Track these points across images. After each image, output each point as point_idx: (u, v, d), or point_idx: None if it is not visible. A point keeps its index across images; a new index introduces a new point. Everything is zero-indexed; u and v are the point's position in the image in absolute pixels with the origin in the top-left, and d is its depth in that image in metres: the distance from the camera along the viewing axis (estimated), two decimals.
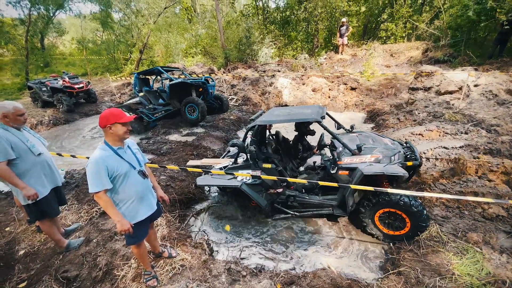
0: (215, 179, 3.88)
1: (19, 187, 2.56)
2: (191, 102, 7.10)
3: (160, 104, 7.91)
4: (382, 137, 4.05)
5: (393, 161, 3.34)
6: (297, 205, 3.75)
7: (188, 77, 8.15)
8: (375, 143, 3.71)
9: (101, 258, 2.98)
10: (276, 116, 3.76)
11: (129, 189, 2.20)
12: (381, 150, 3.46)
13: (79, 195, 4.28)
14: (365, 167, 3.20)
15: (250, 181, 3.68)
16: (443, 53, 11.14)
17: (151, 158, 5.59)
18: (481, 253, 2.78)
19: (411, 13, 13.81)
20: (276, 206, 3.79)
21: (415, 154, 3.50)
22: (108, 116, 2.07)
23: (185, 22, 19.43)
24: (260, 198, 3.69)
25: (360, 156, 3.34)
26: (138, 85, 8.19)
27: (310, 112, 3.71)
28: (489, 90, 7.12)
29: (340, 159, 3.40)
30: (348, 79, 10.20)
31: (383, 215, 3.30)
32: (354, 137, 4.02)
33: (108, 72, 14.98)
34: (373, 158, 3.31)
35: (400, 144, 3.88)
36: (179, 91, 7.44)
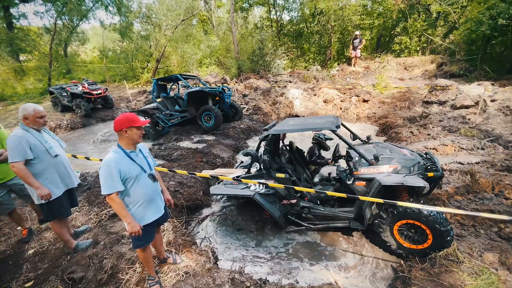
0: (228, 188, 3.82)
1: (34, 186, 2.65)
2: (207, 110, 7.26)
3: (177, 110, 8.08)
4: (400, 147, 3.91)
5: (412, 172, 3.20)
6: (311, 217, 3.64)
7: (205, 86, 8.34)
8: (393, 153, 3.58)
9: (107, 261, 3.01)
10: (290, 126, 3.72)
11: (139, 191, 2.26)
12: (400, 160, 3.32)
13: (90, 197, 4.38)
14: (383, 177, 3.07)
15: (263, 190, 3.60)
16: (459, 67, 10.93)
17: (161, 163, 5.69)
18: (496, 275, 2.63)
19: (426, 27, 13.72)
20: (290, 218, 3.69)
21: (436, 165, 3.36)
22: (124, 120, 2.15)
23: (201, 33, 20.04)
24: (273, 208, 3.60)
25: (378, 166, 3.21)
26: (156, 91, 8.40)
27: (325, 121, 3.66)
28: (507, 105, 6.89)
29: (356, 169, 3.29)
30: (360, 91, 10.14)
31: (404, 226, 3.13)
32: (370, 147, 3.88)
33: (125, 79, 15.51)
34: (391, 168, 3.18)
35: (419, 155, 3.74)
36: (196, 99, 7.62)
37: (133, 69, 18.64)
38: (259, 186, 3.62)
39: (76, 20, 18.02)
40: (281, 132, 3.57)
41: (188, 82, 9.37)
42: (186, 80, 8.22)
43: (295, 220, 3.67)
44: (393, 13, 14.35)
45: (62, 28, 17.89)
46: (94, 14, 17.84)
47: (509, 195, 3.71)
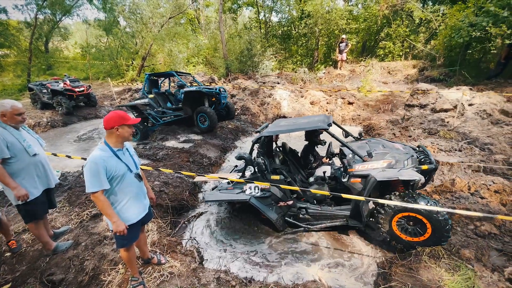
0: (223, 194, 3.79)
1: (11, 186, 2.54)
2: (203, 112, 7.14)
3: (170, 108, 7.89)
4: (393, 142, 3.94)
5: (406, 165, 3.22)
6: (309, 218, 3.64)
7: (201, 85, 8.16)
8: (386, 148, 3.60)
9: (89, 262, 2.93)
10: (282, 126, 3.70)
11: (124, 190, 2.23)
12: (393, 155, 3.34)
13: (71, 198, 4.23)
14: (378, 173, 3.09)
15: (259, 194, 3.58)
16: (439, 72, 11.41)
17: (146, 163, 5.58)
18: (472, 270, 2.76)
19: (408, 33, 14.22)
20: (287, 220, 3.67)
21: (429, 157, 3.38)
22: (116, 118, 2.11)
23: (189, 32, 19.84)
24: (270, 211, 3.58)
25: (372, 162, 3.23)
26: (148, 86, 8.15)
27: (317, 120, 3.65)
28: (483, 109, 7.25)
29: (351, 166, 3.30)
30: (345, 94, 10.36)
31: (402, 219, 3.13)
32: (363, 144, 3.90)
33: (109, 77, 15.11)
34: (386, 163, 3.20)
35: (412, 148, 3.76)
36: (192, 99, 7.46)
37: (118, 66, 18.18)
38: (254, 189, 3.59)
39: (59, 15, 17.37)
40: (274, 133, 3.54)
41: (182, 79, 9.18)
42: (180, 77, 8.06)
43: (293, 221, 3.64)
44: (377, 18, 14.79)
45: (43, 22, 17.18)
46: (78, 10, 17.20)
47: (485, 194, 3.90)
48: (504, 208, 3.66)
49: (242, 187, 3.68)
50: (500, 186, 3.90)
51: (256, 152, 3.76)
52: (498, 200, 3.79)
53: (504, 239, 3.18)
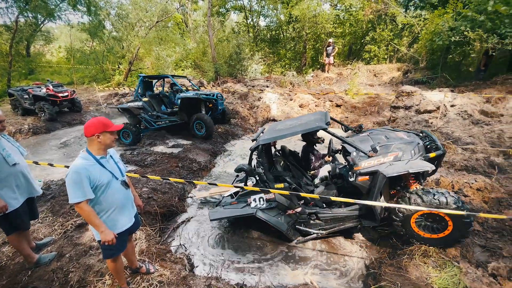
0: (227, 210, 3.62)
1: None
2: (200, 119, 6.95)
3: (165, 112, 7.65)
4: (395, 131, 3.77)
5: (414, 155, 3.08)
6: (320, 222, 3.47)
7: (199, 91, 7.91)
8: (389, 139, 3.44)
9: (73, 274, 2.82)
10: (278, 131, 3.53)
11: (110, 199, 2.15)
12: (399, 146, 3.20)
13: (54, 207, 4.08)
14: (386, 168, 2.95)
15: (264, 205, 3.43)
16: (422, 74, 11.78)
17: (134, 169, 5.46)
18: (458, 267, 2.84)
19: (392, 36, 14.64)
20: (298, 228, 3.50)
21: (435, 143, 3.25)
22: (96, 125, 2.04)
23: (177, 36, 19.71)
24: (279, 222, 3.39)
25: (378, 157, 3.08)
26: (142, 89, 7.86)
27: (314, 120, 3.51)
28: (464, 110, 7.53)
29: (356, 164, 3.15)
30: (333, 97, 10.53)
31: (421, 216, 3.00)
32: (365, 137, 3.72)
33: (95, 82, 14.77)
34: (392, 156, 3.05)
35: (416, 135, 3.60)
36: (188, 105, 7.22)
37: (104, 70, 17.82)
38: (259, 201, 3.46)
39: (41, 18, 16.88)
40: (271, 140, 3.39)
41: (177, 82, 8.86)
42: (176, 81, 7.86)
43: (304, 229, 3.48)
44: (363, 23, 15.16)
45: (24, 26, 16.65)
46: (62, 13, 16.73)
47: (467, 192, 4.03)
48: (486, 206, 3.80)
49: (246, 200, 3.54)
50: (482, 184, 4.04)
51: (256, 162, 3.59)
52: (480, 198, 3.92)
53: (487, 235, 3.29)
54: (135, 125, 7.52)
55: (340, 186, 3.78)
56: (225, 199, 4.02)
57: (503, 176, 4.53)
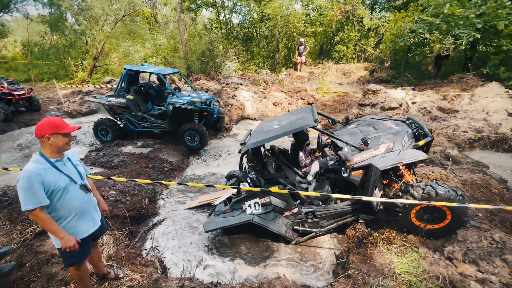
0: (222, 219, 3.52)
1: None
2: (193, 129, 6.22)
3: (152, 114, 6.71)
4: (382, 120, 3.75)
5: (405, 145, 3.09)
6: (318, 220, 3.44)
7: (194, 92, 6.92)
8: (378, 130, 3.44)
9: (35, 284, 2.66)
10: (266, 132, 3.44)
11: (68, 204, 2.02)
12: (388, 136, 3.21)
13: (12, 214, 3.76)
14: (379, 161, 2.96)
15: (260, 210, 3.38)
16: (387, 74, 12.50)
17: (100, 171, 5.19)
18: (418, 252, 3.08)
19: (359, 37, 15.34)
20: (297, 228, 3.45)
21: (423, 129, 3.27)
22: (47, 126, 1.89)
23: (146, 30, 18.92)
24: (276, 225, 3.33)
25: (370, 150, 3.06)
26: (126, 83, 6.68)
27: (301, 117, 3.44)
28: (424, 107, 8.12)
29: (349, 159, 3.12)
30: (305, 95, 10.80)
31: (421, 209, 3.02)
32: (353, 129, 3.69)
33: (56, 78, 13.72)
34: (384, 148, 3.04)
35: (403, 122, 3.61)
36: (181, 114, 6.39)
37: (66, 67, 16.59)
38: (254, 206, 3.40)
39: None
40: (261, 143, 3.31)
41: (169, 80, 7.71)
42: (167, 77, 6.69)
43: (302, 229, 3.45)
44: (332, 23, 15.68)
45: None
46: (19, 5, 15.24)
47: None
48: None
49: (241, 206, 3.48)
50: (438, 175, 4.40)
51: (247, 167, 3.51)
52: None
53: None
54: (115, 122, 6.83)
55: (333, 181, 3.76)
56: (218, 207, 3.88)
57: (457, 167, 4.98)
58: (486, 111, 7.30)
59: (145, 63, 7.17)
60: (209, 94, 7.30)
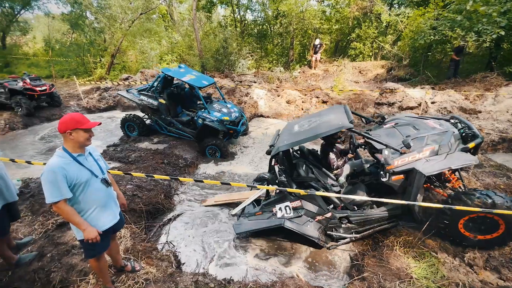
0: (253, 222, 3.45)
1: None
2: (216, 145, 6.23)
3: (180, 121, 6.66)
4: (424, 119, 3.43)
5: (452, 147, 2.81)
6: (353, 226, 3.28)
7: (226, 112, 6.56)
8: (419, 130, 3.14)
9: (56, 274, 2.75)
10: (297, 134, 3.26)
11: (90, 198, 2.09)
12: (433, 138, 2.91)
13: (34, 206, 3.94)
14: (423, 165, 2.72)
15: (291, 214, 3.26)
16: (405, 72, 12.12)
17: (118, 166, 5.33)
18: (436, 257, 2.98)
19: (377, 34, 14.93)
20: (330, 234, 3.30)
21: (471, 129, 2.99)
22: (69, 121, 1.95)
23: (162, 28, 19.22)
24: (309, 230, 3.20)
25: (412, 153, 2.82)
26: (161, 85, 6.58)
27: (335, 118, 3.22)
28: (444, 107, 7.82)
29: (389, 163, 2.90)
30: (320, 93, 10.65)
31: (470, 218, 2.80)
32: (391, 130, 3.42)
33: (76, 75, 14.19)
34: (428, 151, 2.79)
35: (447, 121, 3.30)
36: (208, 129, 6.28)
37: (85, 63, 17.13)
38: (285, 210, 3.29)
39: (17, 7, 15.92)
40: (293, 145, 3.14)
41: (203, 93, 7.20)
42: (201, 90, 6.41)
43: (336, 235, 3.30)
44: (349, 19, 15.35)
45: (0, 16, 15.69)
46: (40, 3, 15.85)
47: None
48: None
49: (271, 209, 3.39)
50: None
51: (278, 170, 3.41)
52: None
53: None
54: (142, 119, 6.96)
55: (369, 184, 3.53)
56: (247, 208, 3.83)
57: (479, 170, 4.78)
58: (511, 112, 6.95)
59: (182, 64, 7.00)
60: (238, 109, 7.16)
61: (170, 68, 6.70)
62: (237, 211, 4.11)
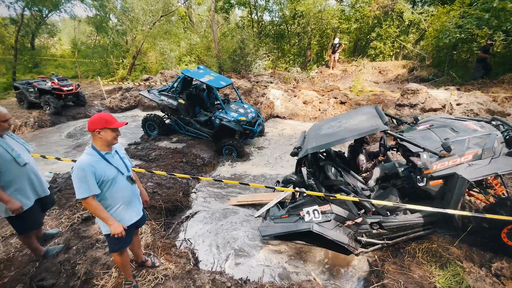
0: (279, 225, 3.39)
1: (4, 200, 2.39)
2: (233, 146, 6.36)
3: (199, 121, 6.83)
4: (462, 120, 3.22)
5: (496, 151, 2.62)
6: (385, 232, 3.15)
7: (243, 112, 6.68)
8: (459, 133, 2.94)
9: (80, 267, 2.88)
10: (328, 136, 3.12)
11: (116, 194, 2.18)
12: (475, 141, 2.72)
13: (61, 200, 4.14)
14: (466, 170, 2.57)
15: (320, 218, 3.16)
16: (428, 72, 11.65)
17: (139, 164, 5.51)
18: (461, 267, 2.85)
19: (398, 33, 14.46)
20: (361, 239, 3.20)
21: None
22: (98, 121, 2.05)
23: (181, 30, 19.64)
24: (339, 235, 3.09)
25: (453, 157, 2.66)
26: (181, 86, 6.74)
27: (367, 119, 3.09)
28: (471, 109, 7.45)
29: (427, 167, 2.73)
30: (338, 93, 10.47)
31: None
32: (426, 132, 3.23)
33: (99, 76, 14.82)
34: (471, 155, 2.61)
35: (487, 123, 3.11)
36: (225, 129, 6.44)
37: (108, 64, 17.84)
38: (313, 214, 3.20)
39: (45, 10, 16.86)
40: (323, 147, 3.02)
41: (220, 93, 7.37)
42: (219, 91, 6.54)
43: (367, 240, 3.19)
44: (369, 18, 14.97)
45: (30, 19, 16.67)
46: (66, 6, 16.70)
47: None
48: None
49: (298, 212, 3.31)
50: None
51: (306, 173, 3.34)
52: None
53: None
54: (162, 119, 7.18)
55: (401, 188, 3.37)
56: (272, 211, 3.75)
57: (508, 177, 4.50)
58: None
59: (201, 66, 7.19)
60: (255, 109, 7.21)
61: (189, 69, 6.85)
62: (260, 213, 4.08)
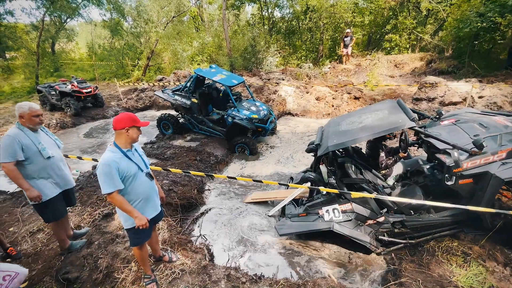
0: (297, 224, 3.33)
1: (24, 188, 2.61)
2: (245, 143, 6.40)
3: (212, 119, 6.94)
4: (490, 115, 3.08)
5: None
6: (407, 231, 3.08)
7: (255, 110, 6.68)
8: (489, 129, 2.79)
9: (102, 261, 3.01)
10: (348, 132, 3.03)
11: (137, 189, 2.28)
12: (509, 137, 2.59)
13: (83, 197, 4.33)
14: (500, 168, 2.46)
15: (341, 217, 3.10)
16: (447, 64, 11.18)
17: (154, 162, 5.65)
18: (484, 266, 2.74)
19: (415, 24, 13.95)
20: (382, 239, 3.13)
21: None
22: (126, 119, 2.16)
23: (193, 30, 19.88)
24: (360, 234, 3.04)
25: (485, 155, 2.54)
26: (194, 85, 6.84)
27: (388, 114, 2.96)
28: (494, 102, 7.10)
29: (459, 165, 2.62)
30: (351, 89, 10.26)
31: None
32: (452, 128, 3.07)
33: (115, 77, 15.28)
34: (504, 152, 2.49)
35: None
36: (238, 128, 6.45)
37: (124, 66, 18.35)
38: (334, 213, 3.13)
39: (64, 16, 17.56)
40: (345, 145, 2.92)
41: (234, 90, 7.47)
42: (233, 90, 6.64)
43: (390, 240, 3.12)
44: (384, 10, 14.52)
45: (50, 24, 17.42)
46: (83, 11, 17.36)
47: None
48: None
49: (317, 211, 3.24)
50: None
51: (326, 171, 3.26)
52: None
53: None
54: (176, 118, 7.34)
55: (424, 186, 3.25)
56: (288, 209, 3.70)
57: None
58: None
59: (213, 65, 7.28)
60: (267, 107, 7.21)
61: (202, 69, 6.92)
62: (274, 212, 4.07)
